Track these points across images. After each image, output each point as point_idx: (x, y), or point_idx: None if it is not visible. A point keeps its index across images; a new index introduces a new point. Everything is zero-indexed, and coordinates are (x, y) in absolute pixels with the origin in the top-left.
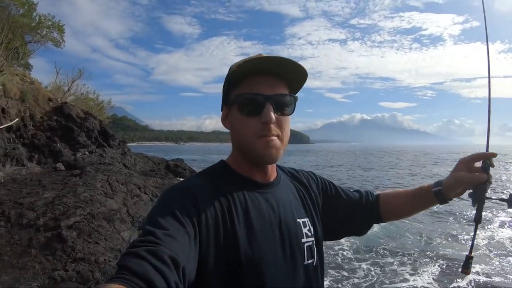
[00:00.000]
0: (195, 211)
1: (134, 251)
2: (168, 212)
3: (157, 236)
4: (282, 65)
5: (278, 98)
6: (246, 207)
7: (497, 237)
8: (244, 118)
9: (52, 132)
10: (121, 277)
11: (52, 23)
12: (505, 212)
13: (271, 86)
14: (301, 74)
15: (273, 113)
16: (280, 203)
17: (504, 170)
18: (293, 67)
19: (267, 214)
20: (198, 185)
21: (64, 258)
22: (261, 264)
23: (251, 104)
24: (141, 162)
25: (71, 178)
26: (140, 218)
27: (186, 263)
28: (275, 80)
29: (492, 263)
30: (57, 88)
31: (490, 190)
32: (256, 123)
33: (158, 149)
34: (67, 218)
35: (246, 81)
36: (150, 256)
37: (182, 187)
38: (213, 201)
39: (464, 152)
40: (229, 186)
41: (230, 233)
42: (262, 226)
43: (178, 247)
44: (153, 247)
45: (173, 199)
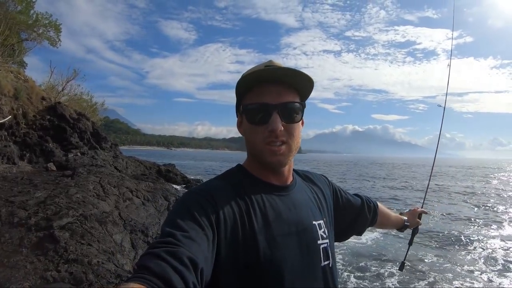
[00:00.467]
0: (214, 213)
1: (154, 252)
2: (187, 214)
3: (176, 238)
4: (287, 74)
5: (284, 106)
6: (265, 209)
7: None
8: (253, 126)
9: (45, 131)
10: (141, 277)
11: (49, 22)
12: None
13: (277, 95)
14: (307, 81)
15: (280, 121)
16: (297, 205)
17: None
18: (296, 75)
19: (284, 216)
20: (216, 187)
21: (56, 258)
22: (280, 265)
23: (258, 113)
24: (132, 166)
25: (62, 178)
26: (132, 222)
27: (204, 264)
28: (282, 89)
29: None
30: (51, 87)
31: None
32: (264, 131)
33: (149, 153)
34: (60, 218)
35: (254, 91)
36: (169, 257)
37: (201, 189)
38: (232, 203)
39: (456, 166)
40: (247, 189)
41: (249, 234)
42: (281, 228)
43: (196, 249)
44: (173, 249)
45: (192, 201)
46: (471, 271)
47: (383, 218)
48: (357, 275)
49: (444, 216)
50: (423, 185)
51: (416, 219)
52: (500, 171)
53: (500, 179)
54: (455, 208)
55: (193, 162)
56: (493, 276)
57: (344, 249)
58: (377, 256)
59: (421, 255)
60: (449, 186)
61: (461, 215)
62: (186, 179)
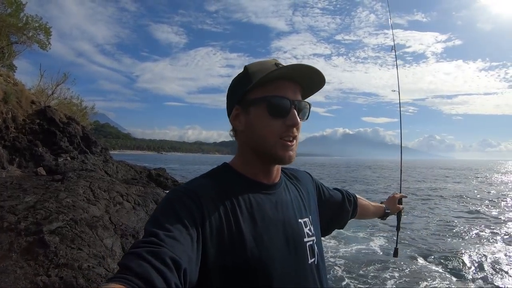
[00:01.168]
0: (199, 213)
1: (136, 252)
2: (171, 213)
3: (159, 238)
4: (308, 75)
5: (300, 103)
6: (251, 208)
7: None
8: (270, 119)
9: (34, 135)
10: (122, 277)
11: (39, 25)
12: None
13: (294, 92)
14: (320, 84)
15: (297, 117)
16: (283, 203)
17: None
18: (318, 77)
19: (271, 214)
20: (202, 185)
21: (46, 263)
22: (268, 264)
23: (279, 106)
24: (123, 170)
25: (52, 183)
26: (122, 226)
27: (187, 265)
28: (296, 87)
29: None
30: (40, 91)
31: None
32: (281, 125)
33: (140, 158)
34: (49, 223)
35: (274, 84)
36: (151, 257)
37: (185, 188)
38: (217, 202)
39: (447, 168)
40: (233, 187)
41: (235, 233)
42: (267, 226)
43: (180, 249)
44: (155, 249)
45: (176, 199)
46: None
47: (363, 209)
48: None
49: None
50: (415, 188)
51: (397, 205)
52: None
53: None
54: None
55: (184, 166)
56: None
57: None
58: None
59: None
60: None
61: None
62: (176, 183)
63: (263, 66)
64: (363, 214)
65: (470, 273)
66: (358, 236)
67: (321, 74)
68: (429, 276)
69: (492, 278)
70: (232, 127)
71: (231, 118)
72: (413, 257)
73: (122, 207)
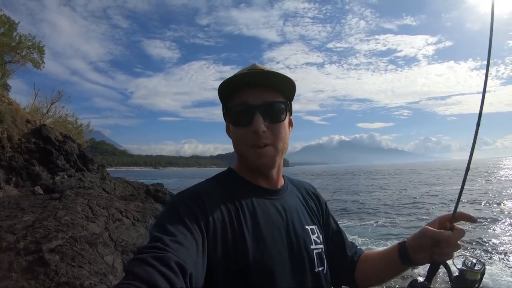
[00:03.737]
0: (203, 217)
1: (141, 258)
2: (176, 218)
3: (164, 243)
4: (265, 76)
5: (266, 106)
6: (254, 212)
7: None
8: (237, 129)
9: (30, 154)
10: (127, 283)
11: (32, 44)
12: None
13: (258, 97)
14: (286, 82)
15: (262, 122)
16: (288, 209)
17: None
18: (277, 78)
19: (275, 219)
20: (206, 190)
21: (47, 282)
22: (270, 268)
23: (240, 115)
24: (120, 187)
25: (50, 201)
26: (122, 243)
27: (193, 269)
28: (262, 91)
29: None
30: (35, 110)
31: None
32: (248, 133)
33: (137, 174)
34: (49, 241)
35: (235, 95)
36: (157, 263)
37: (190, 192)
38: (221, 206)
39: (447, 169)
40: (237, 192)
41: (238, 237)
42: (270, 231)
43: (185, 254)
44: (160, 254)
45: (181, 204)
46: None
47: (369, 261)
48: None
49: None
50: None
51: (440, 231)
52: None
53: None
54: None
55: (181, 180)
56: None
57: None
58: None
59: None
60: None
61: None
62: None
63: (224, 82)
64: (370, 273)
65: None
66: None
67: (279, 74)
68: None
69: None
70: None
71: (226, 130)
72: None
73: (122, 223)
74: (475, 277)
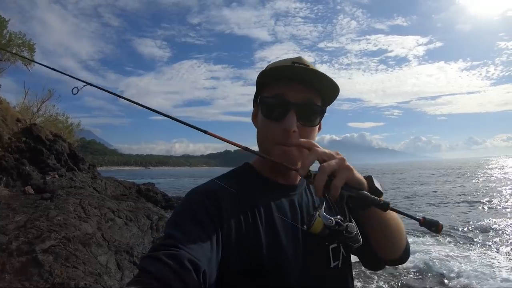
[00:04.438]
0: (217, 214)
1: (155, 255)
2: (190, 214)
3: (177, 240)
4: (314, 76)
5: (303, 106)
6: (269, 209)
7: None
8: (266, 121)
9: (21, 154)
10: (140, 281)
11: (22, 42)
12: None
13: (298, 93)
14: (332, 87)
15: (295, 121)
16: (304, 205)
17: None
18: (323, 79)
19: (290, 217)
20: (221, 186)
21: (41, 283)
22: (284, 266)
23: (274, 108)
24: (112, 186)
25: (41, 201)
26: (116, 243)
27: (207, 266)
28: (304, 88)
29: None
30: (26, 108)
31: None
32: (277, 129)
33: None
34: (42, 242)
35: (275, 84)
36: (170, 260)
37: (205, 189)
38: (236, 203)
39: (437, 168)
40: (253, 188)
41: (253, 235)
42: (285, 230)
43: (199, 251)
44: (174, 251)
45: (195, 200)
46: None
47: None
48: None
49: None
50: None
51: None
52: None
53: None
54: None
55: (172, 180)
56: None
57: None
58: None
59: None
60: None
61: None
62: (167, 198)
63: (278, 64)
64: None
65: None
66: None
67: (326, 76)
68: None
69: None
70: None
71: (252, 116)
72: None
73: (114, 223)
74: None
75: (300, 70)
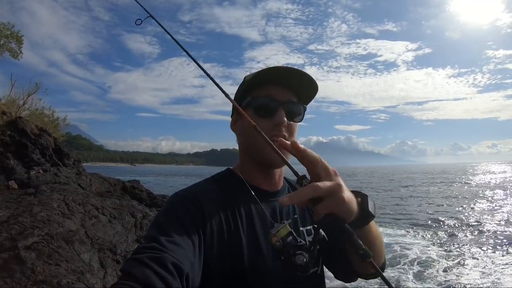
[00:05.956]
0: (200, 218)
1: (138, 258)
2: (173, 218)
3: (161, 243)
4: (296, 77)
5: (289, 104)
6: (251, 215)
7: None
8: (257, 119)
9: (5, 147)
10: (124, 284)
11: (11, 33)
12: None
13: (283, 94)
14: (312, 87)
15: (285, 116)
16: (284, 211)
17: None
18: (305, 80)
19: (270, 222)
20: (204, 191)
21: (24, 280)
22: (265, 273)
23: (265, 106)
24: (96, 183)
25: (25, 197)
26: (99, 240)
27: (190, 270)
28: (286, 90)
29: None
30: (11, 101)
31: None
32: (268, 125)
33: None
34: (25, 238)
35: (261, 88)
36: (153, 263)
37: (188, 192)
38: (219, 208)
39: (424, 172)
40: (236, 194)
41: (234, 240)
42: (266, 234)
43: (182, 254)
44: (157, 254)
45: (178, 204)
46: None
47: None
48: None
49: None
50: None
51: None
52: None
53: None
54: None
55: (158, 178)
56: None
57: None
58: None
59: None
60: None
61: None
62: (151, 196)
63: (256, 74)
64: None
65: None
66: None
67: (303, 72)
68: None
69: None
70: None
71: (231, 124)
72: None
73: (98, 220)
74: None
75: (283, 71)
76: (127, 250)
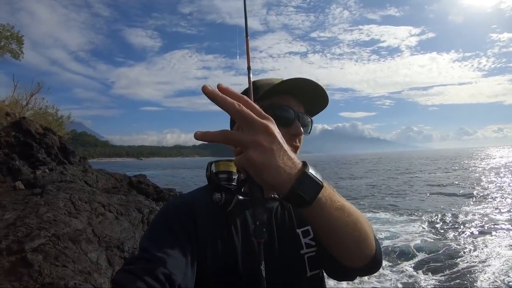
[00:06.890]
0: (193, 227)
1: (130, 269)
2: (165, 228)
3: (153, 254)
4: (313, 94)
5: (303, 117)
6: (245, 222)
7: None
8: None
9: (11, 148)
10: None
11: (11, 34)
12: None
13: (298, 106)
14: (324, 105)
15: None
16: (279, 214)
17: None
18: (320, 97)
19: (267, 228)
20: (197, 198)
21: (31, 283)
22: (260, 279)
23: (285, 115)
24: (103, 179)
25: (32, 197)
26: (106, 238)
27: (182, 280)
28: (299, 102)
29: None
30: (15, 102)
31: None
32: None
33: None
34: (31, 240)
35: (280, 97)
36: (145, 275)
37: (181, 202)
38: (212, 216)
39: (427, 157)
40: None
41: (229, 248)
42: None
43: (174, 265)
44: (149, 266)
45: (171, 214)
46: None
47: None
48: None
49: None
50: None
51: None
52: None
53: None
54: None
55: (164, 171)
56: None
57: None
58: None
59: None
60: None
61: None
62: (158, 189)
63: (269, 82)
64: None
65: None
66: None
67: (322, 88)
68: None
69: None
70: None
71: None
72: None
73: (105, 218)
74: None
75: (305, 81)
76: (134, 247)
